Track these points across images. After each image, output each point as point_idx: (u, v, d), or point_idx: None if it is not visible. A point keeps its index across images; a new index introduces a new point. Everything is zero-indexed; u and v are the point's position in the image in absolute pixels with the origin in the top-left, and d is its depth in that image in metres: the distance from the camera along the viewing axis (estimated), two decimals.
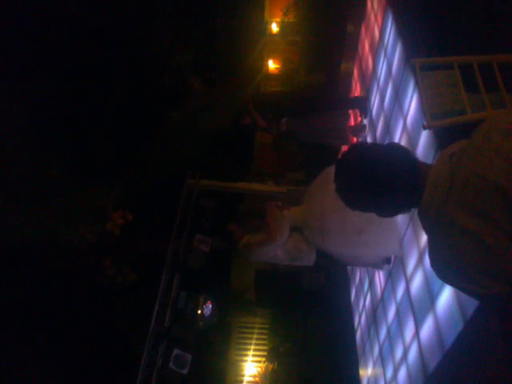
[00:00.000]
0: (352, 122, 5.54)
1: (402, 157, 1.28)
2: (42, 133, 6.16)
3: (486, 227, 1.11)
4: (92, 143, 6.68)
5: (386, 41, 4.43)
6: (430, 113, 2.09)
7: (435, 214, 1.19)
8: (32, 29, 6.33)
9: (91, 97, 6.86)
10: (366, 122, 5.16)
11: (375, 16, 4.95)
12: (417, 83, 2.39)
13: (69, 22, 6.67)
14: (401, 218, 3.57)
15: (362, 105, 5.15)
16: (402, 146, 1.33)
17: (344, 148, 6.06)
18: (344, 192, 1.35)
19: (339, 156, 1.40)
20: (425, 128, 2.15)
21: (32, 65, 6.38)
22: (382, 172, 1.26)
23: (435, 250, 1.25)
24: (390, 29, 4.27)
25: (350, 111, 5.45)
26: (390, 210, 1.35)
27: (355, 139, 5.53)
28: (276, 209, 3.77)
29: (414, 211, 1.31)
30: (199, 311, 5.67)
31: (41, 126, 6.20)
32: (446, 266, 1.24)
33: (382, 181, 1.26)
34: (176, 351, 5.43)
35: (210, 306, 5.88)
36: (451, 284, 1.32)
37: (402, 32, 3.86)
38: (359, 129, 5.21)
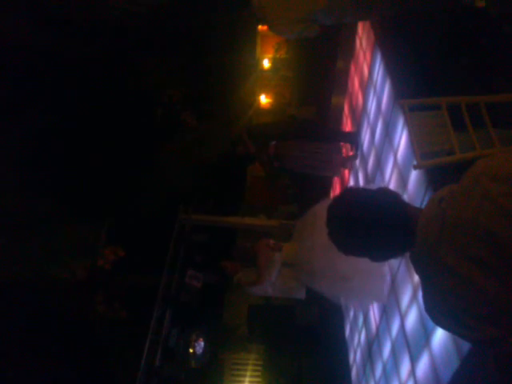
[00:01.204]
0: (343, 156, 5.59)
1: (391, 202, 1.30)
2: (31, 168, 6.15)
3: (477, 271, 1.12)
4: (82, 177, 6.67)
5: (374, 78, 4.52)
6: (419, 153, 2.13)
7: (427, 258, 1.20)
8: (24, 65, 6.40)
9: (81, 130, 6.88)
10: (356, 154, 5.21)
11: (364, 54, 5.08)
12: (406, 123, 2.44)
13: (60, 56, 6.74)
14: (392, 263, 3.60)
15: (353, 139, 5.21)
16: (391, 191, 1.36)
17: (335, 180, 6.11)
18: (336, 237, 1.36)
19: (330, 202, 1.41)
20: (415, 168, 2.18)
21: (22, 99, 6.41)
22: (372, 217, 1.28)
23: (428, 294, 1.26)
24: (379, 67, 4.37)
25: (342, 144, 5.51)
26: (382, 255, 1.36)
27: (346, 171, 5.58)
28: (267, 251, 3.87)
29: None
30: (191, 350, 5.58)
31: (30, 160, 6.19)
32: (438, 311, 1.25)
33: (372, 225, 1.27)
34: None
35: (202, 343, 5.79)
36: (445, 328, 1.32)
37: (391, 71, 3.95)
38: (350, 159, 5.25)
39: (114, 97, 7.23)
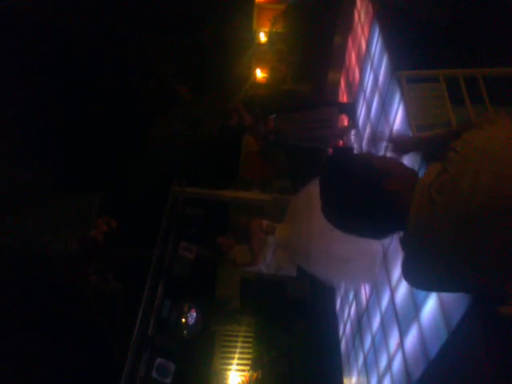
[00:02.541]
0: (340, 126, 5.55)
1: (377, 181, 1.26)
2: (24, 139, 6.10)
3: (467, 257, 1.14)
4: (76, 149, 6.63)
5: (372, 53, 4.48)
6: (415, 125, 2.12)
7: (417, 243, 1.21)
8: (18, 34, 6.29)
9: (75, 102, 6.82)
10: (351, 123, 5.18)
11: (362, 28, 5.01)
12: (403, 95, 2.43)
13: (55, 28, 6.64)
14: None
15: (350, 110, 5.17)
16: (378, 165, 1.30)
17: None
18: (327, 212, 1.36)
19: (322, 167, 1.40)
20: None
21: (15, 70, 6.32)
22: (357, 195, 1.27)
23: (413, 270, 1.27)
24: (377, 41, 4.33)
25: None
26: (372, 235, 1.38)
27: (341, 143, 5.56)
28: (261, 234, 3.89)
29: None
30: (183, 320, 5.64)
31: (23, 131, 6.13)
32: (422, 284, 1.31)
33: (358, 203, 1.27)
34: (159, 360, 5.38)
35: (195, 314, 5.85)
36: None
37: (389, 45, 3.91)
38: (347, 130, 5.22)
39: (109, 70, 7.14)
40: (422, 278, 1.26)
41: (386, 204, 1.25)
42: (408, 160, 3.28)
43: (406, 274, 1.28)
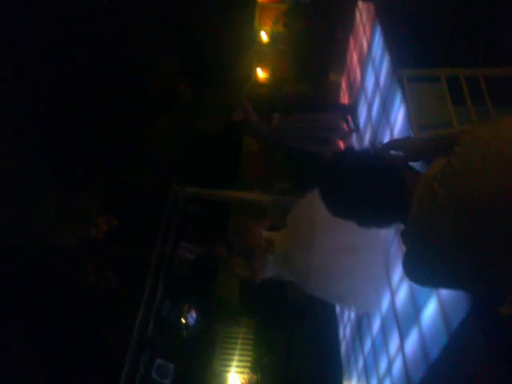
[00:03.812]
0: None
1: (388, 176, 1.28)
2: (25, 134, 6.08)
3: (464, 250, 1.13)
4: (76, 146, 6.61)
5: (373, 53, 4.46)
6: (417, 124, 2.10)
7: (420, 235, 1.20)
8: (17, 31, 6.28)
9: (76, 100, 6.80)
10: (353, 126, 5.16)
11: (363, 28, 4.99)
12: (404, 94, 2.40)
13: (55, 26, 6.63)
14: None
15: (351, 112, 5.15)
16: (387, 159, 1.33)
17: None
18: (330, 199, 1.36)
19: (326, 163, 1.41)
20: None
21: (16, 66, 6.31)
22: (363, 186, 1.28)
23: (412, 264, 1.26)
24: (378, 41, 4.30)
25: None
26: (374, 219, 1.36)
27: (342, 145, 5.54)
28: (261, 252, 3.90)
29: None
30: (183, 320, 5.63)
31: (24, 127, 6.12)
32: (420, 278, 1.31)
33: (363, 193, 1.28)
34: (159, 361, 5.37)
35: (194, 314, 5.84)
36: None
37: (390, 44, 3.89)
38: (347, 134, 5.20)
39: (110, 67, 7.13)
40: (421, 272, 1.25)
41: (392, 181, 1.27)
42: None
43: (407, 268, 1.28)
